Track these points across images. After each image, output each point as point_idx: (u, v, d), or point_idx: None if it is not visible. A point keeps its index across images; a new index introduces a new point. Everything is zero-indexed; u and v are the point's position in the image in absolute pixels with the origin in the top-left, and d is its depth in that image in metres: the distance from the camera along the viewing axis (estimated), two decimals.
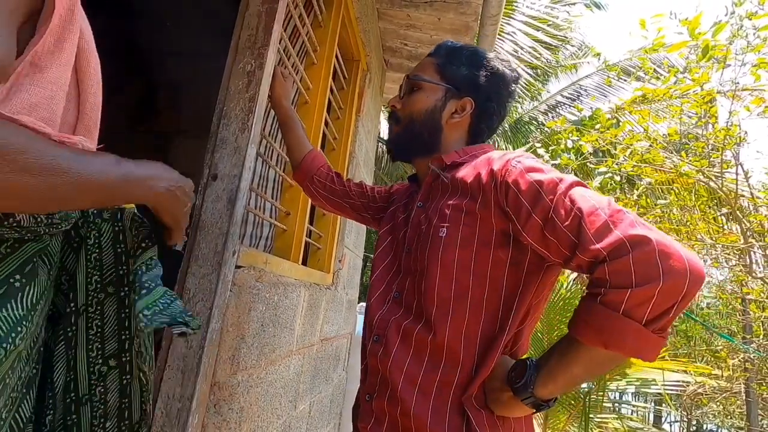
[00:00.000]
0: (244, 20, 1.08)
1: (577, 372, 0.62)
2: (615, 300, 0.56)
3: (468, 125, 0.86)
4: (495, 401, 0.68)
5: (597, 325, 0.58)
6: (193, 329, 0.58)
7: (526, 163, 0.70)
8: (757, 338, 4.39)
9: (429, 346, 0.71)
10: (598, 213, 0.60)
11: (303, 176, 1.14)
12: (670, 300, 0.55)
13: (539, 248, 0.66)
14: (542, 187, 0.65)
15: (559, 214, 0.63)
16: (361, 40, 2.01)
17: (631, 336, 0.56)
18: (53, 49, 0.46)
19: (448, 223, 0.73)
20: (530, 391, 0.63)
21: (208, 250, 0.97)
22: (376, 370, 0.75)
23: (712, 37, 2.56)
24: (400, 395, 0.70)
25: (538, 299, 0.73)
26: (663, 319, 0.56)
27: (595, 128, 3.65)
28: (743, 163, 3.22)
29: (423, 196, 0.83)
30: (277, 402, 1.29)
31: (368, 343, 0.79)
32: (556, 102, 7.21)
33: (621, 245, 0.57)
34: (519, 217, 0.67)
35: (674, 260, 0.55)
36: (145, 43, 2.79)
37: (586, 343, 0.60)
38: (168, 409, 0.90)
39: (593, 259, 0.59)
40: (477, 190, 0.72)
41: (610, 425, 4.70)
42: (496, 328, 0.70)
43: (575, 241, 0.61)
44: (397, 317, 0.76)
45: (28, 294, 0.49)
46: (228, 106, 1.03)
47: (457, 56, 0.86)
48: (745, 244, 3.27)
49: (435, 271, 0.72)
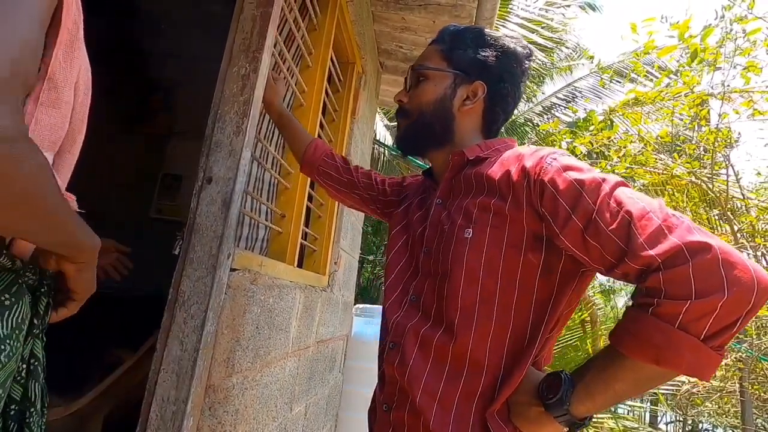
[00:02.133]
0: (238, 24, 1.08)
1: (620, 389, 0.56)
2: (671, 312, 0.51)
3: (482, 111, 0.79)
4: (521, 416, 0.63)
5: (647, 338, 0.52)
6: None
7: (563, 161, 0.63)
8: (749, 338, 4.43)
9: (450, 355, 0.66)
10: (650, 217, 0.54)
11: (309, 170, 1.12)
12: (734, 314, 0.50)
13: (578, 254, 0.60)
14: (583, 187, 0.59)
15: (604, 217, 0.57)
16: (356, 43, 2.02)
17: (688, 352, 0.50)
18: (64, 65, 0.47)
19: (474, 223, 0.68)
20: (566, 408, 0.58)
21: (202, 253, 0.97)
22: (393, 380, 0.71)
23: (701, 41, 2.59)
24: (419, 409, 0.65)
25: (570, 308, 0.68)
26: (724, 335, 0.50)
27: (589, 130, 3.68)
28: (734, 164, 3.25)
29: (443, 193, 0.77)
30: (273, 404, 1.29)
31: (384, 349, 0.75)
32: (551, 104, 7.25)
33: (678, 252, 0.51)
34: (556, 220, 0.60)
35: (740, 270, 0.49)
36: (140, 45, 2.79)
37: (634, 358, 0.54)
38: (163, 412, 0.90)
39: (645, 267, 0.53)
40: (506, 188, 0.66)
41: (606, 425, 4.72)
42: (526, 337, 0.65)
43: (623, 247, 0.55)
44: (415, 323, 0.71)
45: (16, 312, 0.49)
46: (222, 110, 1.04)
47: (463, 39, 0.80)
48: (736, 244, 3.31)
49: (459, 275, 0.66)
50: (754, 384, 4.93)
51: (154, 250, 2.38)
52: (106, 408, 1.52)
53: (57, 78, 0.47)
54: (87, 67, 0.54)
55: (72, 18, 0.47)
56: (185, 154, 2.85)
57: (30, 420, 0.55)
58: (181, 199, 2.83)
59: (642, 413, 8.90)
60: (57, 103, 0.48)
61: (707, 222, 4.19)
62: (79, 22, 0.50)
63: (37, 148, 0.40)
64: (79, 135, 0.56)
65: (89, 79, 0.55)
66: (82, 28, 0.51)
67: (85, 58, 0.53)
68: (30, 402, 0.55)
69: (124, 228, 2.81)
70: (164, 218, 2.84)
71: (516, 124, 7.14)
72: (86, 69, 0.54)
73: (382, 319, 0.79)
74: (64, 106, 0.49)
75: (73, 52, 0.49)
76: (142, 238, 2.80)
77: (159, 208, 2.88)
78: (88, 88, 0.55)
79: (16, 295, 0.50)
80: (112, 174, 2.69)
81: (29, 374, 0.55)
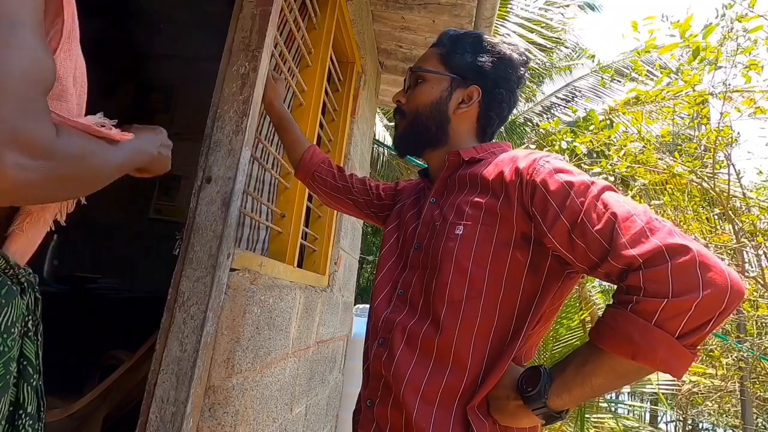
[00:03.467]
0: (237, 23, 1.08)
1: (597, 383, 0.58)
2: (648, 309, 0.53)
3: (476, 114, 0.82)
4: (499, 410, 0.65)
5: (626, 334, 0.55)
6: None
7: (555, 164, 0.67)
8: (750, 337, 4.43)
9: (436, 348, 0.68)
10: (633, 219, 0.57)
11: (304, 175, 1.12)
12: (707, 314, 0.52)
13: (564, 252, 0.63)
14: (572, 189, 0.62)
15: (591, 217, 0.60)
16: (356, 43, 2.01)
17: (662, 348, 0.53)
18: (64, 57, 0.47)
19: (465, 220, 0.70)
20: (543, 401, 0.60)
21: (202, 253, 0.96)
22: (378, 375, 0.73)
23: (702, 39, 2.59)
24: (402, 403, 0.67)
25: (553, 307, 0.70)
26: (697, 334, 0.53)
27: (589, 129, 3.68)
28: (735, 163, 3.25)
29: (437, 192, 0.80)
30: (273, 405, 1.28)
31: (372, 346, 0.76)
32: (551, 103, 7.25)
33: (659, 253, 0.54)
34: (545, 219, 0.63)
35: (715, 273, 0.52)
36: (140, 46, 2.78)
37: (612, 353, 0.57)
38: (162, 413, 0.90)
39: (626, 266, 0.56)
40: (499, 188, 0.69)
41: (606, 425, 4.72)
42: (509, 334, 0.67)
43: (607, 246, 0.58)
44: (402, 318, 0.73)
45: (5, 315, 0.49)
46: (222, 109, 1.03)
47: (461, 44, 0.82)
48: (737, 243, 3.30)
49: (448, 269, 0.68)
50: (755, 383, 4.92)
51: (153, 251, 2.37)
52: (105, 409, 1.52)
53: (60, 71, 0.47)
54: (81, 59, 0.54)
55: (71, 9, 0.47)
56: (184, 155, 2.84)
57: (19, 423, 0.54)
58: (180, 200, 2.82)
59: (642, 413, 8.91)
60: (63, 96, 0.48)
61: (708, 221, 4.18)
62: (74, 15, 0.49)
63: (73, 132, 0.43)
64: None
65: (84, 72, 0.55)
66: (77, 20, 0.51)
67: (78, 49, 0.53)
68: (19, 404, 0.54)
69: (123, 229, 2.81)
70: (163, 219, 2.83)
71: (515, 124, 7.14)
72: (81, 62, 0.54)
73: (370, 317, 0.80)
74: (69, 98, 0.49)
75: (71, 43, 0.48)
76: (141, 238, 2.80)
77: (158, 208, 2.87)
78: (84, 80, 0.55)
79: (6, 297, 0.49)
80: None
81: (19, 375, 0.54)
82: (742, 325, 4.82)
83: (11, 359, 0.51)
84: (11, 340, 0.50)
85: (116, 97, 2.84)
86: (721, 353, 4.51)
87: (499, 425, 0.66)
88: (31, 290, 0.56)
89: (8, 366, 0.50)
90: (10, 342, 0.50)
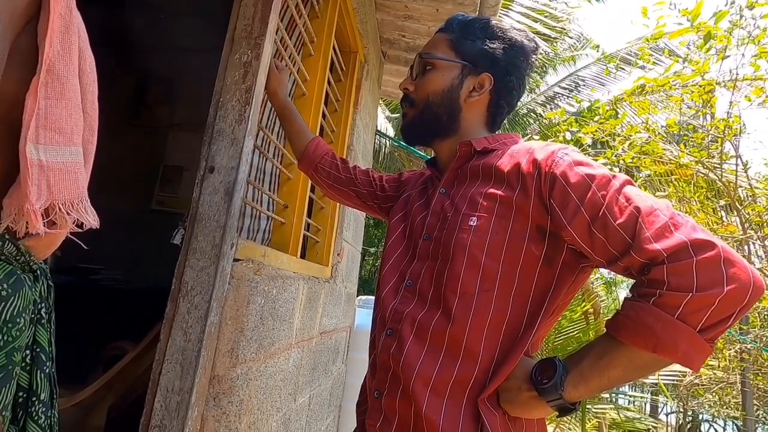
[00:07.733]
0: (239, 10, 1.06)
1: (614, 375, 0.58)
2: (672, 303, 0.54)
3: (487, 103, 0.80)
4: (511, 401, 0.64)
5: (648, 327, 0.55)
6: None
7: (574, 156, 0.66)
8: (753, 329, 4.42)
9: (446, 340, 0.67)
10: (657, 213, 0.57)
11: (307, 166, 1.11)
12: (729, 309, 0.53)
13: (582, 245, 0.62)
14: (594, 182, 0.61)
15: (613, 211, 0.59)
16: (359, 32, 1.99)
17: (684, 341, 0.53)
18: (62, 53, 0.46)
19: (479, 212, 0.68)
20: (560, 393, 0.59)
21: (205, 243, 0.96)
22: (387, 366, 0.71)
23: (714, 24, 2.55)
24: (412, 395, 0.66)
25: (565, 300, 0.69)
26: (718, 328, 0.54)
27: (594, 119, 3.64)
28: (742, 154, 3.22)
29: (447, 182, 0.78)
30: (277, 395, 1.29)
31: (380, 337, 0.75)
32: (555, 93, 7.18)
33: (683, 248, 0.54)
34: (565, 211, 0.62)
35: (738, 269, 0.53)
36: (140, 37, 2.76)
37: (632, 345, 0.57)
38: (167, 402, 0.90)
39: (650, 260, 0.56)
40: (515, 179, 0.68)
41: (608, 415, 4.75)
42: (522, 326, 0.66)
43: (629, 240, 0.58)
44: (411, 309, 0.71)
45: (12, 304, 0.49)
46: (224, 98, 1.02)
47: (471, 30, 0.79)
48: (743, 235, 3.28)
49: (461, 261, 0.67)
50: (758, 375, 4.93)
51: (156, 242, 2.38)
52: (110, 399, 1.53)
53: (58, 68, 0.46)
54: (89, 51, 0.53)
55: (63, 3, 0.46)
56: (186, 146, 2.84)
57: (32, 410, 0.54)
58: (182, 191, 2.82)
59: (643, 404, 8.95)
60: (63, 94, 0.47)
61: (714, 212, 4.16)
62: (72, 5, 0.48)
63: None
64: (95, 122, 0.55)
65: (93, 64, 0.54)
66: (77, 13, 0.49)
67: (85, 40, 0.52)
68: (32, 391, 0.54)
69: (125, 220, 2.81)
70: (165, 210, 2.83)
71: (518, 114, 7.09)
72: (89, 54, 0.53)
73: (377, 309, 0.79)
74: (71, 95, 0.48)
75: (70, 37, 0.47)
76: (144, 230, 2.80)
77: (160, 200, 2.87)
78: (93, 72, 0.54)
79: (14, 286, 0.49)
80: (112, 166, 2.67)
81: (33, 362, 0.54)
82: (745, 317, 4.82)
83: (15, 349, 0.50)
84: (17, 330, 0.50)
85: (117, 90, 2.82)
86: (724, 345, 4.51)
87: (508, 416, 0.65)
88: (44, 278, 0.56)
89: (11, 356, 0.50)
90: (15, 332, 0.50)
